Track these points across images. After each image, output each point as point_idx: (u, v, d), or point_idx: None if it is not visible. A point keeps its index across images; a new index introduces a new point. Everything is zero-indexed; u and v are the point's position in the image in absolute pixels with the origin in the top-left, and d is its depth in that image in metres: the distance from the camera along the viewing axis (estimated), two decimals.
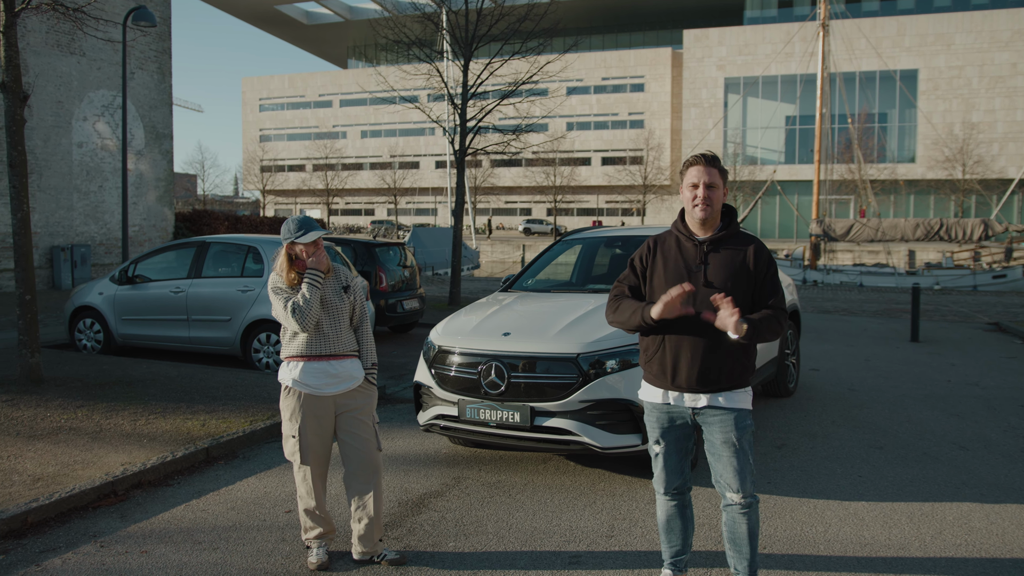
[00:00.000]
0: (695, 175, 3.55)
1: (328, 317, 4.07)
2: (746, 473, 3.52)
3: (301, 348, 4.04)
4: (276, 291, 4.02)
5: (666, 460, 3.67)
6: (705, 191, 3.52)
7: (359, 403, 4.13)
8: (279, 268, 4.07)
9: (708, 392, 3.51)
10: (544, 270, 7.44)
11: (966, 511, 4.94)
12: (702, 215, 3.54)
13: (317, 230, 4.02)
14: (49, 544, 4.46)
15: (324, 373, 4.04)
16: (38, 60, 18.84)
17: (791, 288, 8.63)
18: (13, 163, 7.70)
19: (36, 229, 18.91)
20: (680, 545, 3.75)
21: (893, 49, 59.41)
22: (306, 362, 4.03)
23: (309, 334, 4.02)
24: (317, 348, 4.03)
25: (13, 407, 7.09)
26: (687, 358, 3.50)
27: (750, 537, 3.54)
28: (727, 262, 3.54)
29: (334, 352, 4.05)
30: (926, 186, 59.13)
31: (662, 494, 3.72)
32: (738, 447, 3.50)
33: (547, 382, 5.23)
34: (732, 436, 3.50)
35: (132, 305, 10.11)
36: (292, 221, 4.04)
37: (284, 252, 4.07)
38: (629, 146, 71.78)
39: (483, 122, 16.41)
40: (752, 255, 3.57)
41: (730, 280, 3.51)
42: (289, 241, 4.03)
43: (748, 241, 3.62)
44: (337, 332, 4.06)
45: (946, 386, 8.88)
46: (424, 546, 4.41)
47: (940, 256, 37.02)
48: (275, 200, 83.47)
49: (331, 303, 4.07)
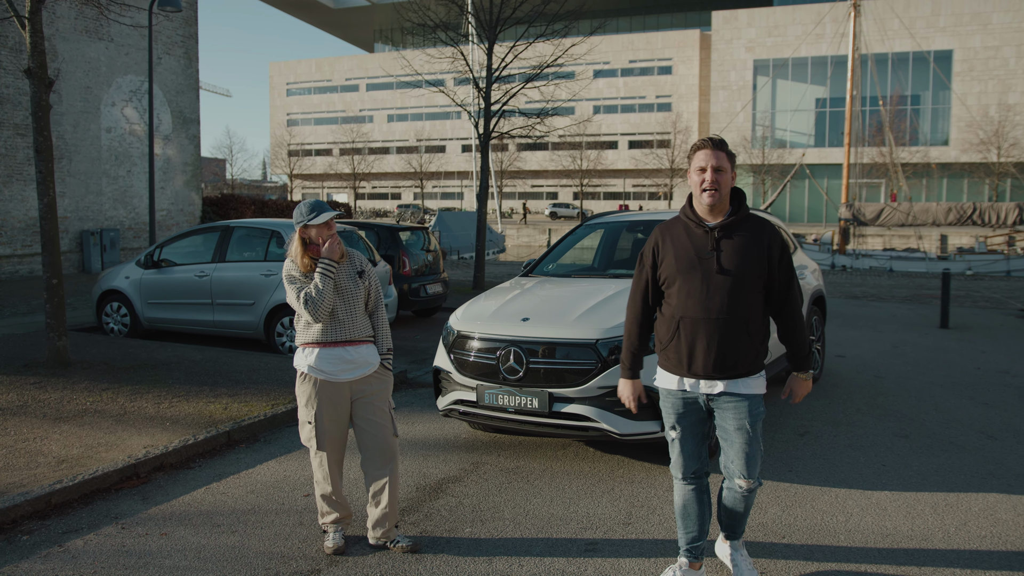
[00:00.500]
0: (703, 159, 3.48)
1: (343, 303, 4.05)
2: (756, 459, 3.56)
3: (317, 335, 4.03)
4: (290, 279, 4.01)
5: (683, 445, 3.65)
6: (713, 175, 3.45)
7: (375, 389, 4.12)
8: (293, 253, 4.05)
9: (725, 379, 3.48)
10: (565, 255, 7.38)
11: (992, 502, 4.84)
12: (710, 200, 3.48)
13: (329, 211, 4.00)
14: (72, 525, 4.52)
15: (340, 359, 4.03)
16: (67, 46, 19.03)
17: (816, 273, 8.51)
18: (39, 148, 7.77)
19: (66, 214, 19.19)
20: (696, 531, 3.71)
21: (927, 29, 58.19)
22: (321, 348, 4.03)
23: (323, 321, 4.01)
24: (332, 334, 4.02)
25: (41, 389, 7.20)
26: (703, 345, 3.46)
27: (746, 511, 3.71)
28: (740, 248, 3.48)
29: (350, 338, 4.04)
30: (959, 169, 58.01)
31: (679, 479, 3.70)
32: (751, 434, 3.51)
33: (566, 368, 5.19)
34: (746, 423, 3.49)
35: (158, 289, 10.21)
36: (304, 205, 4.03)
37: (298, 237, 4.05)
38: (656, 129, 71.15)
39: (508, 106, 16.32)
40: (767, 240, 3.51)
41: (745, 267, 3.46)
42: (302, 224, 4.01)
43: (761, 225, 3.55)
44: (352, 318, 4.05)
45: (975, 374, 8.72)
46: (440, 531, 4.41)
47: (973, 241, 36.37)
48: (302, 184, 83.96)
49: (346, 289, 4.05)
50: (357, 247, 10.48)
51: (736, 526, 3.76)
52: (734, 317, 3.42)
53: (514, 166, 71.90)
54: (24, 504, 4.62)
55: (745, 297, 3.45)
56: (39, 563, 4.02)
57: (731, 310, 3.44)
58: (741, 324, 3.43)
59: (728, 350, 3.45)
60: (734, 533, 3.79)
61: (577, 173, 69.45)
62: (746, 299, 3.46)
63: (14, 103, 17.60)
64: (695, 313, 3.46)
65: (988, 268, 28.81)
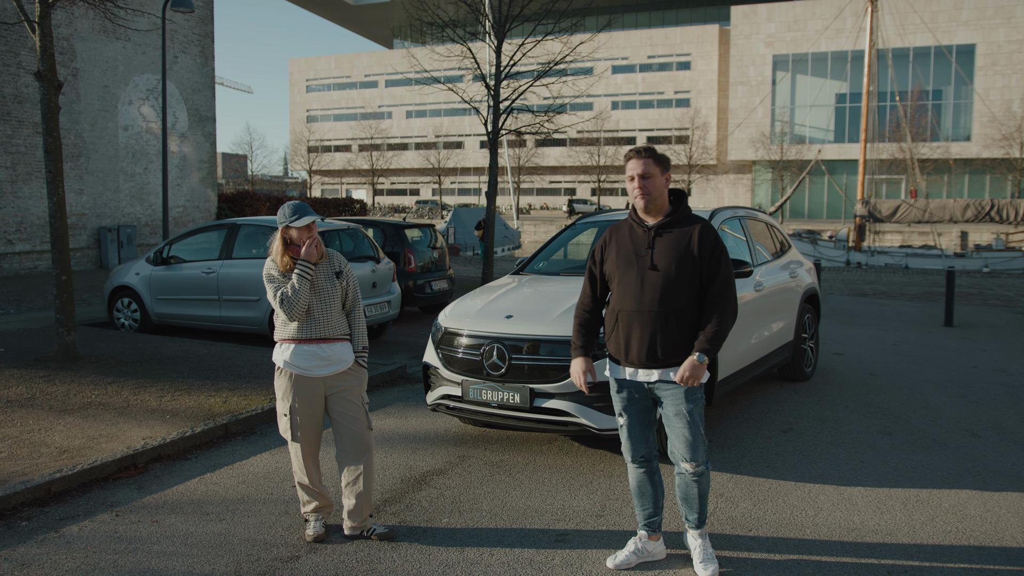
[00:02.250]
0: (631, 168, 3.83)
1: (319, 301, 4.22)
2: (698, 443, 3.78)
3: (293, 332, 4.22)
4: (269, 279, 4.19)
5: (630, 431, 3.93)
6: (641, 182, 3.79)
7: (348, 384, 4.30)
8: (274, 252, 4.23)
9: (658, 367, 3.75)
10: (557, 253, 7.51)
11: (964, 499, 4.93)
12: (642, 204, 3.82)
13: (311, 215, 4.17)
14: (69, 512, 4.73)
15: (314, 355, 4.21)
16: (85, 46, 19.38)
17: (811, 271, 8.57)
18: (48, 149, 8.01)
19: (84, 210, 19.57)
20: (652, 508, 4.01)
21: (950, 23, 57.54)
22: (297, 344, 4.22)
23: (299, 319, 4.18)
24: (307, 332, 4.20)
25: (49, 382, 7.44)
26: (637, 336, 3.75)
27: (700, 497, 3.89)
28: (672, 246, 3.77)
29: (324, 336, 4.22)
30: (981, 165, 57.35)
31: (630, 462, 3.99)
32: (689, 419, 3.75)
33: (546, 364, 5.33)
34: (683, 408, 3.74)
35: (166, 285, 10.45)
36: (288, 206, 4.20)
37: (280, 236, 4.23)
38: (674, 125, 70.95)
39: (518, 102, 16.41)
40: (696, 238, 3.77)
41: (674, 263, 3.73)
42: (284, 225, 4.19)
43: (694, 224, 3.81)
44: (327, 316, 4.22)
45: (971, 372, 8.76)
46: (419, 521, 4.57)
47: (993, 238, 36.02)
48: (322, 180, 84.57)
49: (322, 288, 4.23)
50: (362, 245, 10.67)
51: (694, 513, 3.94)
52: (664, 310, 3.70)
53: (532, 162, 71.96)
54: (24, 492, 4.83)
55: (674, 291, 3.71)
56: (35, 547, 4.23)
57: (661, 303, 3.72)
58: (671, 316, 3.70)
59: (658, 341, 3.72)
60: (695, 522, 3.96)
61: (595, 169, 69.40)
62: (675, 293, 3.71)
63: (34, 102, 17.96)
64: (630, 306, 3.77)
65: (1006, 265, 28.55)
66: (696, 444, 3.78)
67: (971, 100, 57.66)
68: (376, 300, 10.18)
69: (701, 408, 3.79)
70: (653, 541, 4.03)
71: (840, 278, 22.25)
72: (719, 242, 3.78)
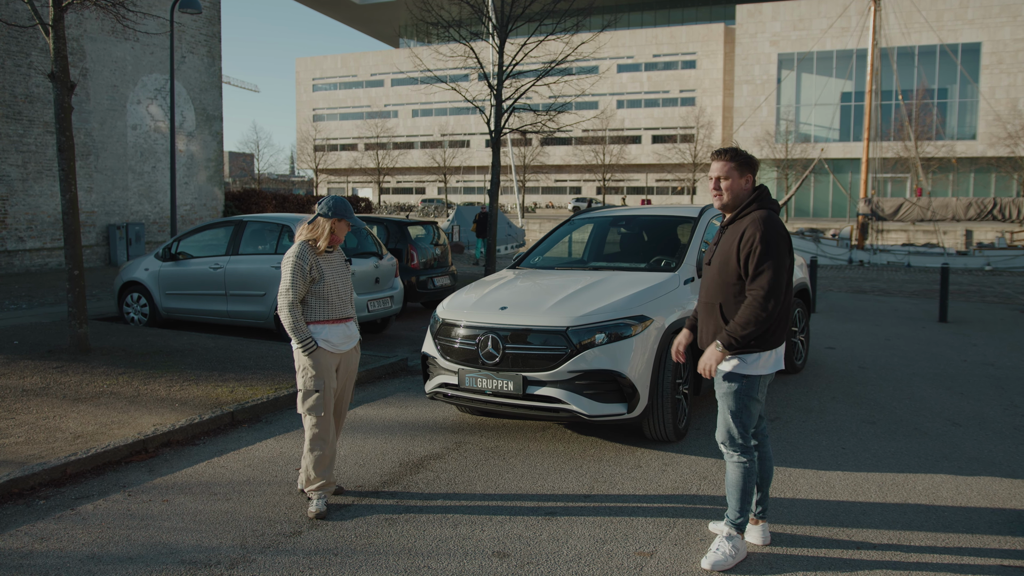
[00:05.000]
0: (712, 170, 4.09)
1: (344, 284, 4.78)
2: (727, 428, 4.01)
3: (329, 312, 4.70)
4: (298, 270, 4.60)
5: None
6: (717, 183, 4.04)
7: (354, 356, 4.90)
8: (322, 237, 4.66)
9: None
10: (553, 248, 7.75)
11: (937, 482, 5.14)
12: (717, 204, 4.07)
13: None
14: (84, 492, 4.98)
15: (343, 333, 4.76)
16: (94, 46, 19.68)
17: (803, 267, 8.78)
18: (62, 147, 8.27)
19: (94, 208, 19.88)
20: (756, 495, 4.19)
21: (955, 22, 57.59)
22: (332, 325, 4.70)
23: (330, 300, 4.66)
24: (341, 311, 4.75)
25: (62, 373, 7.71)
26: (701, 324, 4.14)
27: (730, 484, 4.04)
28: (725, 244, 3.99)
29: (350, 314, 4.81)
30: (987, 164, 57.36)
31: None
32: (722, 404, 4.04)
33: (539, 353, 5.57)
34: (719, 393, 4.04)
35: (175, 280, 10.72)
36: (340, 200, 4.69)
37: (330, 226, 4.66)
38: (679, 124, 71.12)
39: (521, 102, 16.62)
40: (742, 235, 3.90)
41: (719, 259, 3.99)
42: (338, 218, 4.67)
43: (748, 218, 3.94)
44: (349, 297, 4.82)
45: (960, 365, 8.96)
46: (415, 501, 4.81)
47: (996, 237, 36.10)
48: (328, 179, 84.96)
49: (344, 272, 4.81)
50: (365, 242, 10.92)
51: (729, 504, 4.09)
52: (712, 302, 4.00)
53: (537, 160, 72.23)
54: (42, 473, 5.10)
55: (718, 285, 3.96)
56: (53, 523, 4.48)
57: (710, 295, 4.02)
58: (715, 308, 3.97)
59: (706, 329, 4.03)
60: (726, 513, 4.12)
61: (600, 168, 69.62)
62: (720, 287, 3.96)
63: (44, 101, 18.28)
64: (700, 297, 4.14)
65: (1008, 264, 28.66)
66: (725, 429, 3.99)
67: (976, 99, 57.70)
68: (379, 295, 10.42)
69: (737, 396, 3.93)
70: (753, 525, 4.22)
71: (841, 276, 22.43)
72: (761, 236, 3.80)
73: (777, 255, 3.79)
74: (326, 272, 4.64)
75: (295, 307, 4.56)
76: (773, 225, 3.84)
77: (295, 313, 4.55)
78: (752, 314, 3.78)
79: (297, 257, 4.56)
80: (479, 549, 4.14)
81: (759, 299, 3.77)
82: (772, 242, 3.80)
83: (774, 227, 3.83)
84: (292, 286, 4.55)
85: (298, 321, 4.55)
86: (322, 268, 4.63)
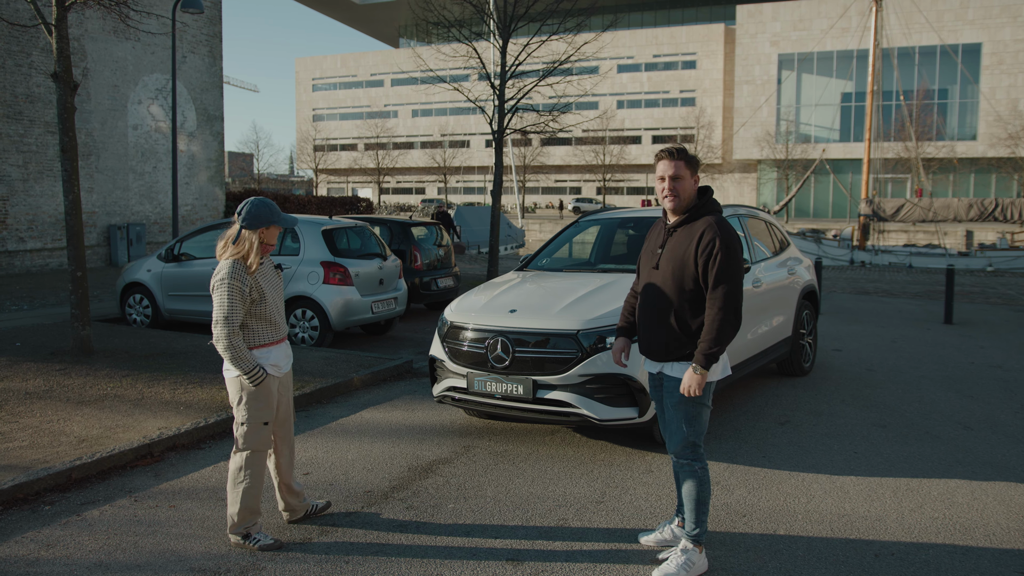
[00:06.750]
0: (661, 169, 3.86)
1: (278, 297, 4.26)
2: (679, 434, 3.85)
3: (272, 333, 4.21)
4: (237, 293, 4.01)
5: (659, 420, 4.08)
6: (671, 183, 3.83)
7: (290, 376, 4.47)
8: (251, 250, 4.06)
9: (659, 361, 3.92)
10: (560, 250, 7.69)
11: (952, 487, 5.09)
12: (671, 204, 3.87)
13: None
14: (89, 497, 4.92)
15: (285, 352, 4.31)
16: (95, 46, 19.61)
17: (809, 268, 8.73)
18: (65, 148, 8.21)
19: (95, 209, 19.81)
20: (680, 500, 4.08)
21: (956, 22, 57.54)
22: (276, 345, 4.23)
23: (272, 320, 4.18)
24: (281, 330, 4.27)
25: (65, 376, 7.65)
26: (643, 329, 3.96)
27: (686, 496, 3.88)
28: (677, 247, 3.83)
29: (285, 333, 4.34)
30: (987, 164, 57.34)
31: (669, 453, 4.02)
32: (675, 412, 3.87)
33: (549, 357, 5.51)
34: (673, 402, 3.87)
35: (177, 282, 10.66)
36: (266, 203, 4.09)
37: (258, 237, 4.08)
38: (680, 124, 71.06)
39: (523, 102, 16.56)
40: (698, 236, 3.76)
41: (671, 263, 3.82)
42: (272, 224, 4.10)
43: (702, 222, 3.81)
44: (282, 311, 4.32)
45: (968, 368, 8.91)
46: (425, 507, 4.75)
47: (997, 237, 36.08)
48: (327, 179, 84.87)
49: (277, 284, 4.29)
50: (369, 243, 10.85)
51: (683, 508, 3.97)
52: (660, 307, 3.84)
53: (537, 161, 72.15)
54: (47, 478, 5.03)
55: (669, 291, 3.80)
56: (59, 530, 4.42)
57: (658, 301, 3.85)
58: (667, 314, 3.81)
59: (656, 337, 3.87)
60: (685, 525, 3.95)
61: (600, 168, 69.55)
62: (670, 293, 3.80)
63: (45, 102, 18.21)
64: (643, 301, 3.95)
65: (1009, 264, 28.64)
66: (680, 438, 3.84)
67: (977, 99, 57.65)
68: (383, 297, 10.37)
69: (692, 404, 3.80)
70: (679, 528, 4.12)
71: (843, 277, 22.38)
72: (721, 241, 3.68)
73: (739, 262, 3.74)
74: (265, 290, 4.11)
75: (236, 335, 4.00)
76: (730, 230, 3.78)
77: (236, 341, 3.99)
78: (727, 327, 3.67)
79: (233, 279, 3.98)
80: (492, 555, 4.08)
81: (730, 310, 3.67)
82: (733, 248, 3.71)
83: (732, 232, 3.78)
84: (231, 312, 3.97)
85: (240, 349, 4.00)
86: (261, 286, 4.09)
